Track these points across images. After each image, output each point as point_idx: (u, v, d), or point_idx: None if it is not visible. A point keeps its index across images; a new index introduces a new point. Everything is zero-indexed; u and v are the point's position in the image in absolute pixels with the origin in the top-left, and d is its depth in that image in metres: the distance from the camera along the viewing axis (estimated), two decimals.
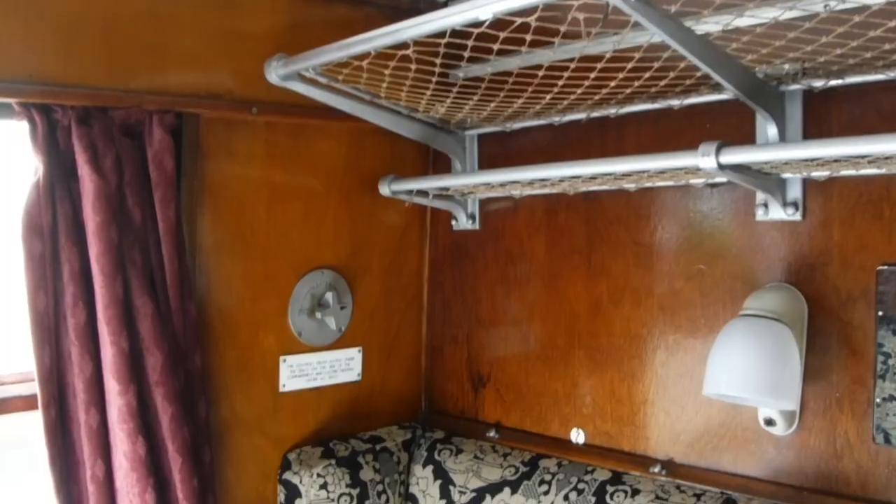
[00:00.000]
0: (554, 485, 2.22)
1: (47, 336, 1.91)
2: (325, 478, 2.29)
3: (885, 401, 1.77)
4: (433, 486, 2.44)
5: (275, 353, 2.35)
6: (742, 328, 1.78)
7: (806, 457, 1.92)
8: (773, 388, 1.73)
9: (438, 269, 2.72)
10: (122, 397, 1.92)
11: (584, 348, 2.31)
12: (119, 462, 1.96)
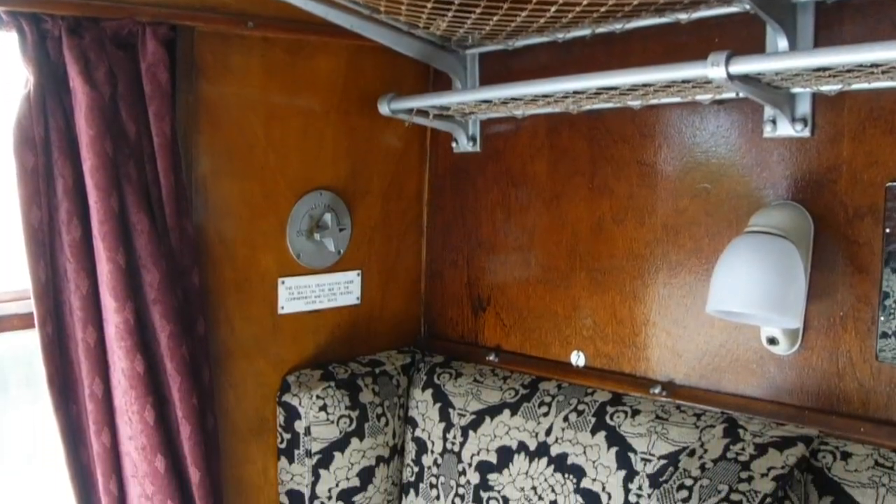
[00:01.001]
0: (554, 406, 2.21)
1: (42, 252, 1.89)
2: (325, 399, 2.28)
3: (889, 318, 1.76)
4: (433, 410, 2.44)
5: (273, 274, 2.32)
6: (747, 244, 1.76)
7: (808, 376, 1.91)
8: (778, 305, 1.70)
9: (438, 193, 2.68)
10: (120, 314, 1.90)
11: (585, 270, 2.29)
12: (117, 380, 1.95)
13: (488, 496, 2.26)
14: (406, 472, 2.50)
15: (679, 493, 1.73)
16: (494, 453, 2.27)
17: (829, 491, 1.73)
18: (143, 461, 1.97)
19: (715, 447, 1.84)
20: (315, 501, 2.34)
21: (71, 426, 1.98)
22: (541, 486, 2.15)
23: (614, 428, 2.07)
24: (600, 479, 2.05)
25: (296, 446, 2.32)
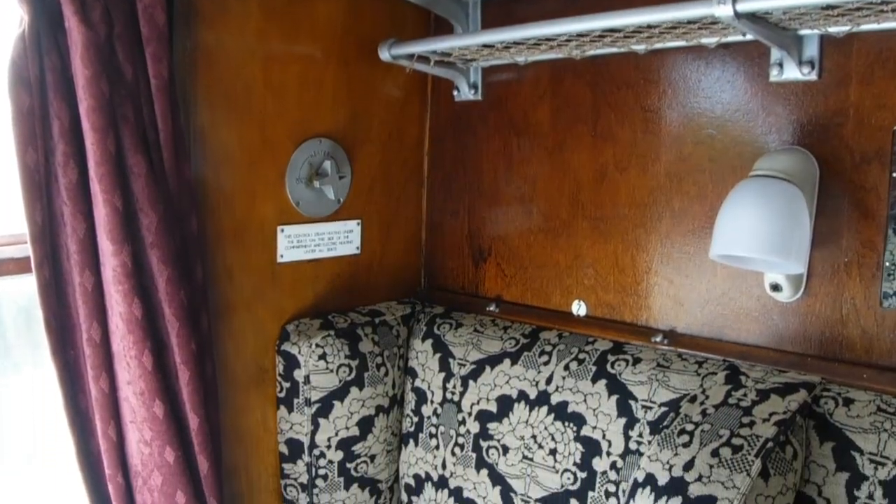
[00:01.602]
0: (554, 355, 2.20)
1: (38, 194, 1.86)
2: (324, 348, 2.27)
3: (895, 263, 1.74)
4: (432, 360, 2.43)
5: (272, 222, 2.30)
6: (751, 188, 1.74)
7: (811, 323, 1.90)
8: (782, 249, 1.69)
9: (439, 142, 2.66)
10: (117, 258, 1.87)
11: (587, 219, 2.27)
12: (115, 324, 1.94)
13: (488, 445, 2.26)
14: (405, 422, 2.50)
15: (680, 437, 1.72)
16: (494, 402, 2.27)
17: (831, 436, 1.73)
18: (141, 406, 1.96)
19: (716, 393, 1.83)
20: (314, 450, 2.34)
21: (69, 371, 1.97)
22: (541, 434, 2.15)
23: (615, 376, 2.06)
24: (600, 426, 2.04)
25: (295, 395, 2.31)
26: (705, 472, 1.62)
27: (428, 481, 2.42)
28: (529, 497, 2.16)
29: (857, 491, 1.67)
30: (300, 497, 2.38)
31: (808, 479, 1.74)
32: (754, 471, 1.59)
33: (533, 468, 2.16)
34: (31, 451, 2.29)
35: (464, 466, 2.32)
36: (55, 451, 2.20)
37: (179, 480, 2.03)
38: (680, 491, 1.62)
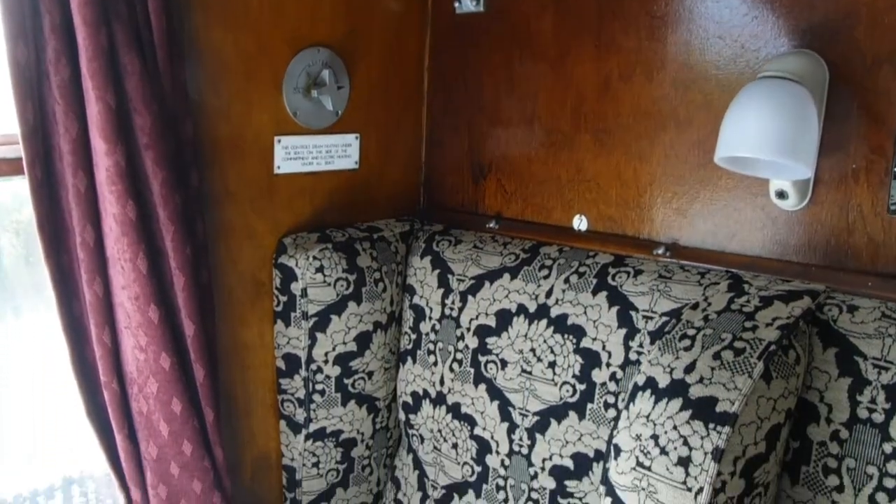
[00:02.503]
0: (554, 269, 2.18)
1: (30, 92, 1.81)
2: (322, 261, 2.24)
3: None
4: (431, 276, 2.41)
5: (269, 132, 2.26)
6: (759, 89, 1.69)
7: (816, 232, 1.87)
8: (790, 151, 1.65)
9: (439, 57, 2.60)
10: (110, 157, 1.83)
11: (590, 131, 2.23)
12: (109, 227, 1.90)
13: (486, 360, 2.24)
14: (403, 339, 2.48)
15: (681, 342, 1.70)
16: (493, 317, 2.24)
17: (834, 342, 1.71)
18: (136, 311, 1.94)
19: (719, 301, 1.81)
20: (311, 365, 2.32)
21: (63, 276, 1.94)
22: (539, 347, 2.13)
23: (616, 288, 2.04)
24: (600, 338, 2.02)
25: (292, 309, 2.29)
26: (706, 374, 1.60)
27: (426, 398, 2.40)
28: (528, 411, 2.15)
29: (860, 396, 1.65)
30: (297, 412, 2.37)
31: (809, 385, 1.72)
32: (756, 373, 1.57)
33: (531, 381, 2.14)
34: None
35: (462, 382, 2.30)
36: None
37: (175, 388, 2.02)
38: (680, 393, 1.60)
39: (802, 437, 1.73)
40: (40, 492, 4.42)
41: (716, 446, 1.52)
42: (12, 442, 2.37)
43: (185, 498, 2.12)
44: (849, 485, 1.66)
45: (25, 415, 2.29)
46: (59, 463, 3.41)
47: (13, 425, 2.30)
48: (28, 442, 2.36)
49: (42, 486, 4.48)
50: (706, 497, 1.51)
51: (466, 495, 2.31)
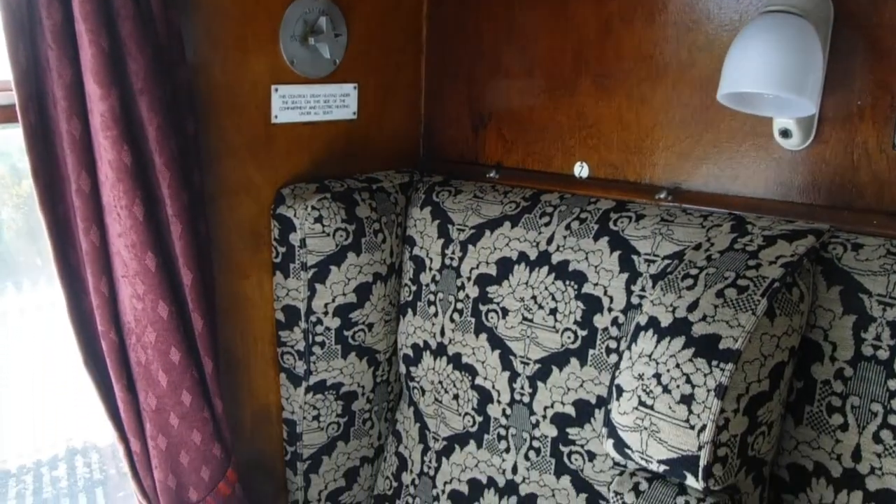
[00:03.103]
0: (555, 216, 2.15)
1: (22, 35, 1.78)
2: (320, 211, 2.22)
3: None
4: (431, 227, 2.38)
5: (266, 81, 2.23)
6: (764, 23, 1.66)
7: (820, 171, 1.84)
8: (796, 84, 1.61)
9: (438, 5, 2.56)
10: (105, 102, 1.81)
11: (591, 76, 2.20)
12: (105, 174, 1.88)
13: (487, 309, 2.23)
14: (404, 291, 2.46)
15: (684, 281, 1.68)
16: (494, 265, 2.22)
17: (839, 280, 1.69)
18: (133, 259, 1.92)
19: (722, 241, 1.79)
20: (311, 316, 2.30)
21: (58, 225, 1.92)
22: (541, 294, 2.11)
23: (617, 233, 2.02)
24: (602, 283, 2.00)
25: (291, 260, 2.27)
26: (709, 312, 1.58)
27: (426, 350, 2.39)
28: (529, 359, 2.14)
29: (864, 333, 1.64)
30: (297, 365, 2.36)
31: (814, 323, 1.70)
32: (760, 310, 1.55)
33: (532, 329, 2.12)
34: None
35: (462, 332, 2.29)
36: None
37: (174, 337, 2.00)
38: (683, 331, 1.58)
39: (806, 376, 1.71)
40: (44, 462, 4.42)
41: (719, 383, 1.50)
42: (17, 413, 2.36)
43: (184, 449, 2.11)
44: (853, 423, 1.65)
45: (29, 387, 2.29)
46: (63, 434, 3.41)
47: (17, 397, 2.29)
48: (32, 413, 2.35)
49: (46, 456, 4.48)
50: (709, 434, 1.50)
51: (468, 446, 2.30)
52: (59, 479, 4.68)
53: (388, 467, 2.55)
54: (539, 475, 2.14)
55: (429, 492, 2.40)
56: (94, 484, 4.75)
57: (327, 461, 2.47)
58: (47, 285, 4.21)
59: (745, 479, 1.63)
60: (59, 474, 4.82)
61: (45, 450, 4.72)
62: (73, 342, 1.99)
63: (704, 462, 1.51)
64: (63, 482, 4.63)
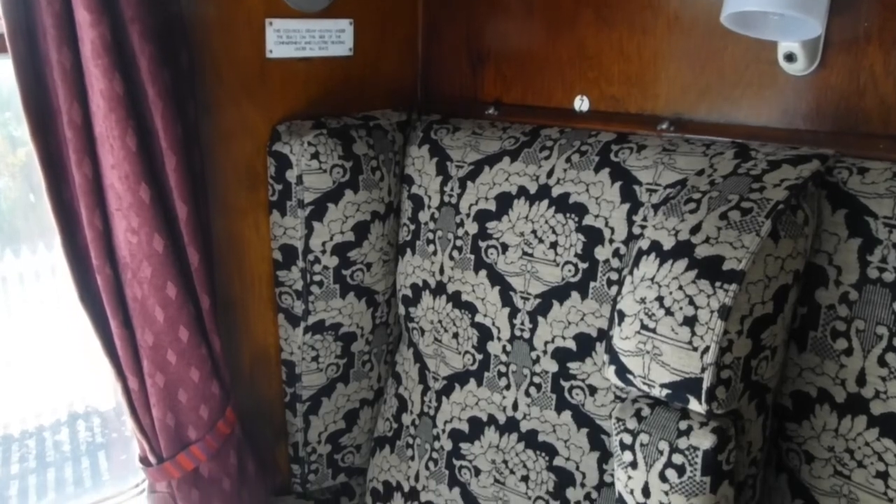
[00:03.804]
0: (556, 150, 2.12)
1: None
2: (317, 147, 2.19)
3: None
4: (429, 164, 2.35)
5: (260, 14, 2.18)
6: None
7: (825, 97, 1.81)
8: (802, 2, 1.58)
9: None
10: (95, 29, 1.77)
11: (591, 6, 2.15)
12: (97, 104, 1.84)
13: (487, 245, 2.20)
14: (402, 231, 2.43)
15: (686, 206, 1.65)
16: (493, 201, 2.20)
17: (844, 204, 1.66)
18: (127, 191, 1.89)
19: (725, 167, 1.76)
20: (309, 256, 2.28)
21: (50, 158, 1.88)
22: (541, 228, 2.09)
23: (619, 163, 1.99)
24: (603, 214, 1.98)
25: (288, 198, 2.24)
26: (713, 234, 1.56)
27: (425, 289, 2.37)
28: (529, 294, 2.11)
29: (870, 256, 1.61)
30: (295, 304, 2.34)
31: (818, 248, 1.68)
32: (764, 231, 1.53)
33: (533, 264, 2.10)
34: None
35: (462, 270, 2.26)
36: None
37: (169, 272, 1.98)
38: (686, 253, 1.56)
39: (810, 302, 1.69)
40: (46, 427, 4.42)
41: (722, 304, 1.48)
42: (18, 379, 2.34)
43: (182, 386, 2.10)
44: (858, 347, 1.63)
45: (30, 353, 2.27)
46: (65, 399, 3.39)
47: (19, 363, 2.27)
48: (34, 379, 2.34)
49: (48, 421, 4.47)
50: (712, 356, 1.48)
51: (468, 384, 2.29)
52: (62, 444, 4.69)
53: (388, 409, 2.54)
54: (540, 411, 2.13)
55: (429, 432, 2.39)
56: (96, 447, 4.76)
57: (327, 403, 2.46)
58: (46, 251, 4.18)
59: (748, 405, 1.62)
60: (62, 438, 4.82)
61: (46, 414, 4.72)
62: (67, 278, 1.96)
63: (707, 384, 1.49)
64: (66, 446, 4.64)
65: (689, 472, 1.54)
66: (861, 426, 1.63)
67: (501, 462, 2.20)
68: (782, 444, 1.78)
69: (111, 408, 5.09)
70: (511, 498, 2.19)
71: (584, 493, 2.06)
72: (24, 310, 2.17)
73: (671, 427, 1.57)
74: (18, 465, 4.70)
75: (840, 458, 1.68)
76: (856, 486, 1.66)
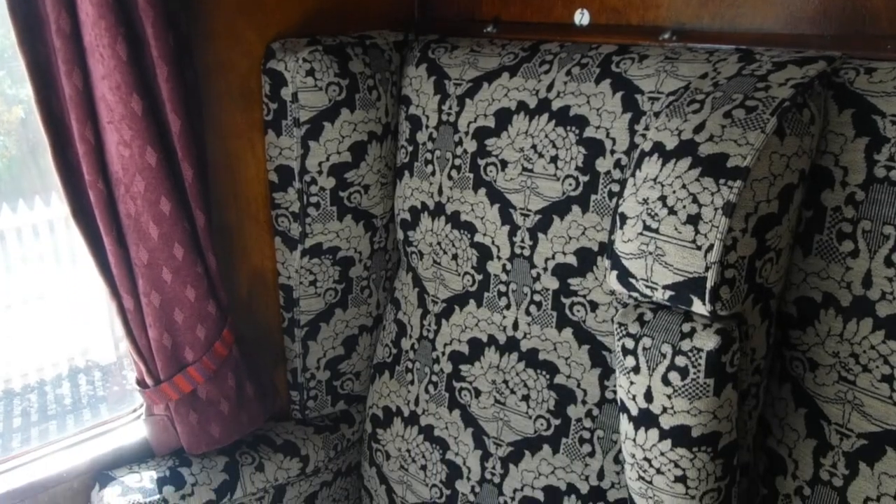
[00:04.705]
0: (556, 63, 2.08)
1: None
2: (312, 63, 2.14)
3: None
4: (427, 83, 2.31)
5: None
6: None
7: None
8: None
9: None
10: None
11: None
12: (85, 12, 1.79)
13: (486, 162, 2.17)
14: (400, 153, 2.39)
15: (689, 107, 1.62)
16: (492, 117, 2.16)
17: (850, 103, 1.62)
18: (118, 103, 1.85)
19: (729, 69, 1.72)
20: (305, 176, 2.24)
21: (39, 69, 1.85)
22: (541, 143, 2.05)
23: (620, 74, 1.95)
24: (604, 125, 1.94)
25: (283, 117, 2.20)
26: (717, 132, 1.52)
27: (424, 211, 2.34)
28: (529, 210, 2.08)
29: (877, 154, 1.58)
30: (292, 227, 2.31)
31: (824, 149, 1.65)
32: (769, 128, 1.49)
33: (533, 179, 2.07)
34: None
35: (461, 189, 2.23)
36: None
37: (163, 186, 1.95)
38: (690, 152, 1.53)
39: (816, 205, 1.66)
40: (48, 381, 4.42)
41: (727, 201, 1.45)
42: (19, 334, 2.32)
43: (178, 306, 2.07)
44: (864, 248, 1.60)
45: (33, 307, 2.25)
46: (65, 353, 3.37)
47: (21, 317, 2.25)
48: (34, 334, 2.32)
49: (49, 375, 4.47)
50: (716, 254, 1.45)
51: (467, 306, 2.26)
52: (63, 397, 4.70)
53: (388, 335, 2.52)
54: (540, 329, 2.10)
55: (428, 355, 2.37)
56: (97, 400, 4.77)
57: (325, 328, 2.44)
58: (44, 206, 4.15)
59: (753, 310, 1.59)
60: (63, 392, 4.84)
61: (48, 369, 4.73)
62: (60, 193, 1.93)
63: (711, 283, 1.47)
64: (67, 399, 4.65)
65: (692, 374, 1.52)
66: (867, 329, 1.61)
67: (502, 382, 2.19)
68: (786, 352, 1.76)
69: (112, 362, 5.11)
70: (511, 418, 2.17)
71: (585, 410, 2.05)
72: (21, 265, 2.15)
73: (674, 330, 1.55)
74: (21, 419, 4.72)
75: (845, 364, 1.65)
76: (861, 392, 1.64)
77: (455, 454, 2.30)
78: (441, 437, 2.33)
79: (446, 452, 2.32)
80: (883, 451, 1.62)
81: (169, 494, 2.14)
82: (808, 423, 1.74)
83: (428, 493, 2.37)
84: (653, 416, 1.60)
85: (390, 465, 2.49)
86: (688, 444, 1.58)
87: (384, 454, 2.51)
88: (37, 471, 2.11)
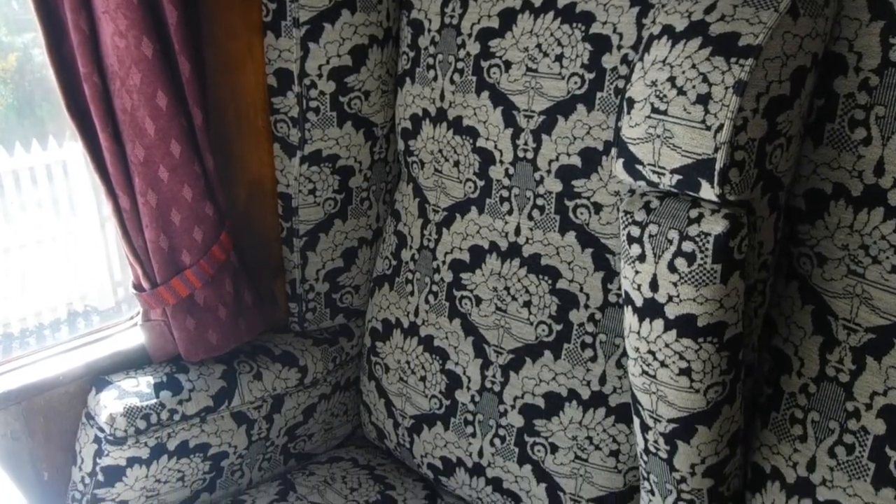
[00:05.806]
0: None
1: None
2: None
3: None
4: None
5: None
6: None
7: None
8: None
9: None
10: None
11: None
12: None
13: (489, 64, 2.12)
14: (402, 60, 2.35)
15: None
16: (496, 18, 2.10)
17: None
18: None
19: None
20: (305, 80, 2.20)
21: None
22: (546, 42, 2.00)
23: None
24: (611, 20, 1.89)
25: (282, 17, 2.15)
26: (728, 11, 1.48)
27: (425, 119, 2.29)
28: (533, 111, 2.04)
29: (893, 38, 1.53)
30: (291, 133, 2.27)
31: (838, 35, 1.60)
32: (783, 7, 1.45)
33: (537, 79, 2.02)
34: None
35: (463, 93, 2.19)
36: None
37: (160, 79, 1.91)
38: (700, 32, 1.48)
39: (828, 93, 1.62)
40: (46, 325, 4.39)
41: (738, 79, 1.41)
42: (18, 278, 2.29)
43: (175, 206, 2.04)
44: (877, 135, 1.56)
45: (30, 253, 2.21)
46: (64, 298, 3.33)
47: (18, 262, 2.21)
48: (32, 278, 2.28)
49: (48, 319, 4.44)
50: (726, 134, 1.41)
51: (469, 213, 2.23)
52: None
53: (387, 248, 2.49)
54: (543, 234, 2.07)
55: (429, 265, 2.34)
56: None
57: (324, 239, 2.41)
58: (41, 149, 4.09)
59: (761, 199, 1.56)
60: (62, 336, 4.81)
61: (46, 313, 4.71)
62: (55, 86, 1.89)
63: (720, 165, 1.43)
64: None
65: (699, 259, 1.49)
66: (878, 219, 1.57)
67: (503, 289, 2.16)
68: (793, 249, 1.73)
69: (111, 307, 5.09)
70: (512, 325, 2.15)
71: (587, 314, 2.02)
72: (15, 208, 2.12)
73: (681, 216, 1.52)
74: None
75: (854, 256, 1.62)
76: (869, 284, 1.61)
77: (455, 364, 2.28)
78: (441, 347, 2.31)
79: (446, 362, 2.30)
80: (891, 345, 1.60)
81: (166, 399, 2.12)
82: (814, 320, 1.71)
83: (427, 404, 2.36)
84: (658, 306, 1.57)
85: (389, 377, 2.47)
86: (693, 333, 1.55)
87: (383, 367, 2.49)
88: (33, 374, 2.09)
